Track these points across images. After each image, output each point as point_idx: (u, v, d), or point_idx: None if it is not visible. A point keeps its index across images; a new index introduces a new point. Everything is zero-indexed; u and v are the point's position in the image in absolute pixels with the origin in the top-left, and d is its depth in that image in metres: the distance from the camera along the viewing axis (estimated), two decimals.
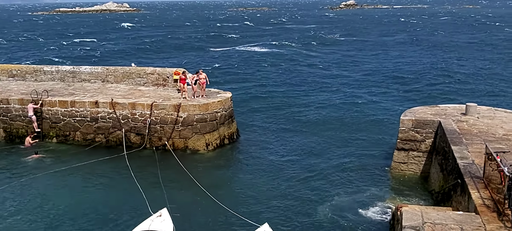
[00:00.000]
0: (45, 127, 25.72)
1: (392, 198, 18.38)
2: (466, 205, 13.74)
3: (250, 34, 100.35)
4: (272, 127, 28.89)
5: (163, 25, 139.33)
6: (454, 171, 15.88)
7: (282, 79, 45.52)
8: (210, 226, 16.52)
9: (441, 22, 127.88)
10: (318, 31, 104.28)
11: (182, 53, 69.60)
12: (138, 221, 15.64)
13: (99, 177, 20.92)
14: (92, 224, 16.68)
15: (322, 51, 68.68)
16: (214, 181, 20.50)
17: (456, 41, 77.97)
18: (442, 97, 35.98)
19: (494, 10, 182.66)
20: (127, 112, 24.51)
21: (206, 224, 16.59)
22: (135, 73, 28.98)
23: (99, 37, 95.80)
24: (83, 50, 73.32)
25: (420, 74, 47.25)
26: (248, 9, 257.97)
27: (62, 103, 25.41)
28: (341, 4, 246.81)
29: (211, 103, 24.51)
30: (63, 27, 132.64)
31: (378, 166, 21.94)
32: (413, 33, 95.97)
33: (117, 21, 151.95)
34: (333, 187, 19.69)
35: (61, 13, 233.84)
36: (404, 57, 60.25)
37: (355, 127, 28.75)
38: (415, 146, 20.55)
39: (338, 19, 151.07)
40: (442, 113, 21.46)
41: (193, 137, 24.13)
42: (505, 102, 34.02)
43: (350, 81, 43.89)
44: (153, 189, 19.22)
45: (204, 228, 16.33)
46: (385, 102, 35.60)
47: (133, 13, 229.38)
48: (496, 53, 62.40)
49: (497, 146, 16.56)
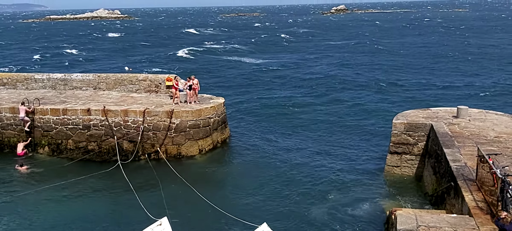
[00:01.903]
0: (37, 135, 25.52)
1: (386, 202, 18.44)
2: (459, 208, 13.81)
3: (240, 40, 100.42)
4: (265, 131, 28.89)
5: (153, 31, 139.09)
6: (447, 173, 15.96)
7: (274, 84, 45.59)
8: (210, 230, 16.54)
9: (432, 25, 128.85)
10: (311, 36, 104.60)
11: (173, 59, 69.50)
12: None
13: (94, 188, 20.67)
14: None
15: (315, 56, 68.86)
16: (210, 186, 20.50)
17: (446, 45, 78.59)
18: (434, 100, 36.20)
19: (483, 13, 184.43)
20: (120, 119, 24.39)
21: (205, 229, 16.60)
22: (127, 80, 28.87)
23: (83, 45, 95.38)
24: (67, 58, 72.89)
25: (411, 78, 47.55)
26: (239, 15, 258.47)
27: (54, 112, 25.23)
28: (332, 9, 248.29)
29: (204, 109, 24.47)
30: (51, 34, 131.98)
31: (371, 169, 22.02)
32: (404, 37, 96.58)
33: (105, 28, 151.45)
34: (328, 190, 19.74)
35: (52, 21, 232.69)
36: (394, 61, 60.59)
37: (348, 130, 28.85)
38: (408, 149, 20.63)
39: (330, 23, 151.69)
40: (434, 116, 21.59)
41: (186, 143, 24.06)
42: (496, 104, 34.32)
43: (342, 85, 44.01)
44: (150, 197, 19.14)
45: None
46: (378, 105, 35.74)
47: (125, 20, 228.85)
48: (486, 57, 62.96)
49: (489, 148, 16.68)
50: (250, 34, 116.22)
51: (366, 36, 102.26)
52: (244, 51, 77.79)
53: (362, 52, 72.09)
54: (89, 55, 75.53)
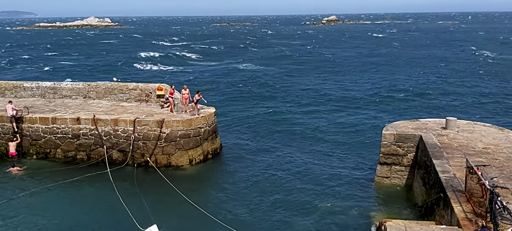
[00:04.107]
0: (25, 144, 25.24)
1: (376, 212, 18.48)
2: (449, 219, 13.89)
3: (233, 51, 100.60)
4: (256, 141, 28.88)
5: (143, 38, 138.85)
6: (436, 184, 16.06)
7: (265, 95, 45.65)
8: None
9: (419, 37, 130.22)
10: (302, 47, 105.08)
11: (165, 68, 69.37)
12: None
13: (82, 196, 20.54)
14: None
15: (304, 68, 69.15)
16: (200, 195, 20.43)
17: (434, 56, 79.42)
18: (423, 112, 36.50)
19: (469, 26, 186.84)
20: (109, 128, 24.24)
21: None
22: (117, 89, 28.74)
23: (74, 54, 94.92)
24: (56, 67, 72.48)
25: (401, 89, 47.93)
26: (231, 24, 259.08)
27: (43, 120, 25.00)
28: (323, 20, 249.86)
29: (194, 119, 24.41)
30: (42, 41, 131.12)
31: (361, 180, 22.08)
32: (392, 48, 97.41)
33: (103, 38, 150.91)
34: (317, 200, 19.75)
35: (42, 29, 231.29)
36: (383, 72, 61.06)
37: (338, 141, 28.94)
38: (398, 160, 20.75)
39: (318, 34, 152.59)
40: (423, 127, 21.76)
41: (176, 153, 23.96)
42: (484, 115, 34.69)
43: (331, 97, 44.21)
44: (139, 206, 18.98)
45: None
46: (367, 116, 35.93)
47: (116, 29, 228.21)
48: (473, 68, 63.69)
49: (478, 159, 16.83)
50: (240, 44, 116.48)
51: (357, 47, 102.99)
52: (234, 60, 77.87)
53: (351, 64, 72.56)
54: (79, 65, 75.07)
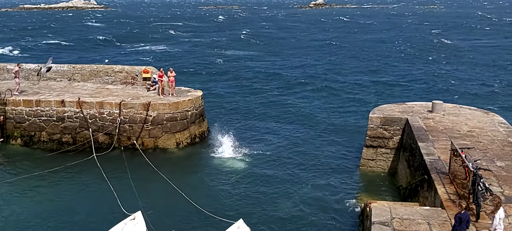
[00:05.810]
0: (9, 127, 24.91)
1: (361, 194, 18.68)
2: (432, 200, 14.08)
3: (218, 33, 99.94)
4: (243, 126, 28.87)
5: (129, 22, 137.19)
6: (421, 167, 16.25)
7: (252, 78, 45.52)
8: (185, 226, 16.40)
9: (409, 22, 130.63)
10: (290, 32, 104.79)
11: (149, 50, 68.70)
12: (110, 225, 15.24)
13: (68, 181, 20.35)
14: (62, 229, 16.27)
15: (291, 51, 69.02)
16: (186, 180, 20.38)
17: (419, 41, 79.80)
18: (409, 95, 36.75)
19: (454, 10, 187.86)
20: (95, 111, 24.00)
21: (180, 224, 16.44)
22: (102, 72, 28.41)
23: (62, 35, 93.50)
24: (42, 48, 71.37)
25: (387, 73, 48.16)
26: (218, 7, 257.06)
27: (27, 103, 24.65)
28: (311, 4, 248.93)
29: (181, 102, 24.28)
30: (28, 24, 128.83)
31: (347, 163, 22.27)
32: (379, 33, 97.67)
33: (85, 19, 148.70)
34: (304, 183, 19.88)
35: (26, 10, 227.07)
36: (371, 57, 61.25)
37: (325, 125, 29.05)
38: (383, 143, 20.91)
39: (307, 18, 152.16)
40: (409, 110, 21.92)
41: (163, 136, 23.85)
42: (469, 99, 35.05)
43: (318, 81, 44.25)
44: (125, 191, 18.83)
45: (179, 228, 16.12)
46: (354, 101, 36.09)
47: (102, 10, 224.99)
48: (459, 53, 64.21)
49: (462, 142, 17.04)
50: (227, 27, 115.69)
51: (342, 32, 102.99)
52: (222, 44, 77.40)
53: (338, 47, 72.58)
54: (64, 47, 74.01)
